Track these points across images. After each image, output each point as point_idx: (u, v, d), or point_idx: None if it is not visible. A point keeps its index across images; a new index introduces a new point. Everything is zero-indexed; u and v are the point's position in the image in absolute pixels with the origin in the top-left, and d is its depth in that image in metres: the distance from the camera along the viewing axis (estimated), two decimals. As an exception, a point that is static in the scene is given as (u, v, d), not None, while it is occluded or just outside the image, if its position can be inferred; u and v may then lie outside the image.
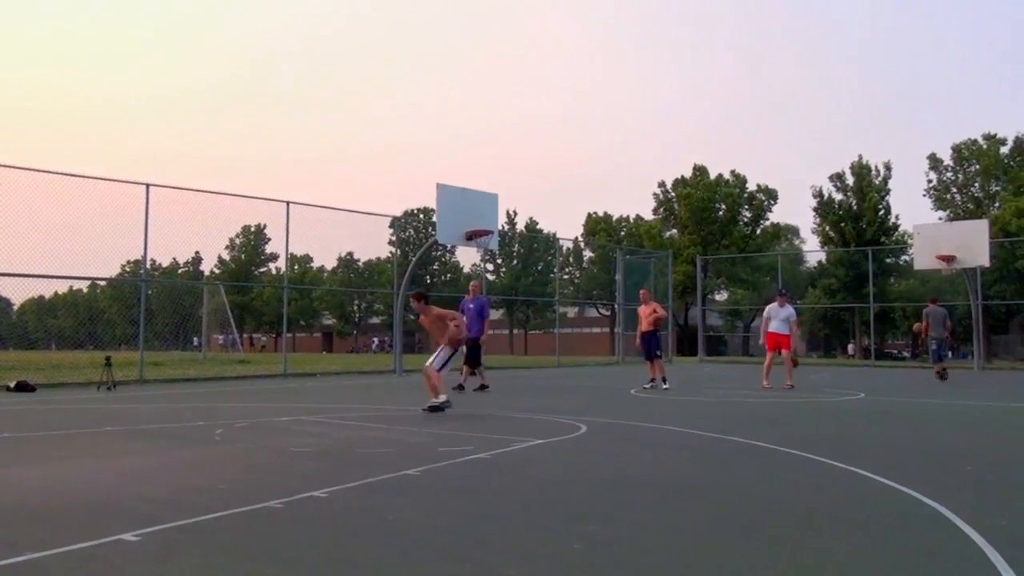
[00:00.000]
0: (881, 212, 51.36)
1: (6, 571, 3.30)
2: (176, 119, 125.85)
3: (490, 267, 64.98)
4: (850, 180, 53.13)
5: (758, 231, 59.71)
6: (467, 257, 70.83)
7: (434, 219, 20.92)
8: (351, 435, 8.03)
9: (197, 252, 65.29)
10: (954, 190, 53.62)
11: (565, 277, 67.87)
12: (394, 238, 44.19)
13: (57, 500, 4.77)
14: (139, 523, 4.03)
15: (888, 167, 52.50)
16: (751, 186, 59.39)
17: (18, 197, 15.69)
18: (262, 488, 5.08)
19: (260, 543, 3.78)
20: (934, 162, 53.77)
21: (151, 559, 3.52)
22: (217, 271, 70.61)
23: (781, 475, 5.80)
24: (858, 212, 51.73)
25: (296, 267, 67.43)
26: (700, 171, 59.64)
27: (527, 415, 9.99)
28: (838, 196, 53.27)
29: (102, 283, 49.93)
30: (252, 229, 70.26)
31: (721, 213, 58.30)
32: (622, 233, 64.34)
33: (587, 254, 68.79)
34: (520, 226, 69.41)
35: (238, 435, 7.93)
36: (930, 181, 54.01)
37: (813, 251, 60.70)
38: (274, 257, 72.52)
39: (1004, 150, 51.32)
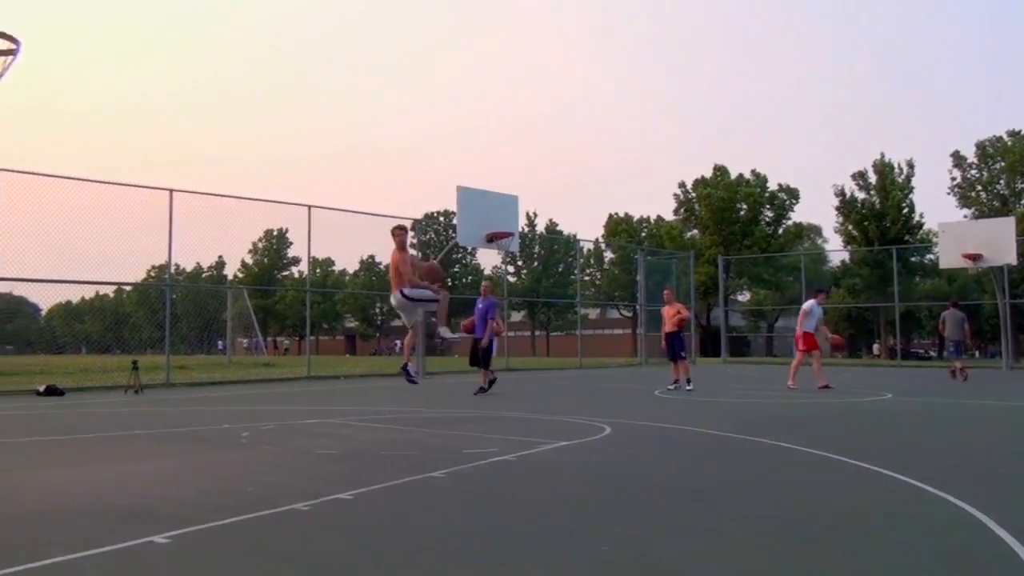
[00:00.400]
0: (905, 210, 50.76)
1: (38, 573, 3.34)
2: (196, 121, 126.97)
3: (511, 269, 65.03)
4: (873, 178, 52.56)
5: (780, 231, 59.26)
6: (488, 259, 70.94)
7: (455, 222, 21.00)
8: (376, 437, 8.07)
9: (220, 256, 65.65)
10: (979, 188, 52.96)
11: (586, 278, 67.74)
12: (415, 241, 44.36)
13: (87, 503, 4.83)
14: (169, 525, 4.06)
15: (911, 165, 51.88)
16: (772, 185, 58.98)
17: (43, 203, 15.89)
18: (288, 490, 5.11)
19: (287, 545, 3.80)
20: (958, 159, 53.14)
21: (182, 561, 3.56)
22: (240, 275, 71.08)
23: (809, 477, 5.76)
24: (881, 211, 51.15)
25: (318, 270, 67.74)
26: (720, 171, 59.33)
27: (551, 417, 9.98)
28: (861, 195, 52.70)
29: (128, 288, 50.45)
30: (274, 233, 70.65)
31: (742, 213, 57.93)
32: (643, 234, 64.10)
33: (608, 255, 68.56)
34: (540, 228, 69.35)
35: (264, 438, 7.98)
36: (954, 179, 53.38)
37: (836, 250, 60.16)
38: (296, 261, 72.89)
39: (1030, 146, 50.57)
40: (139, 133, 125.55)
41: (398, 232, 10.00)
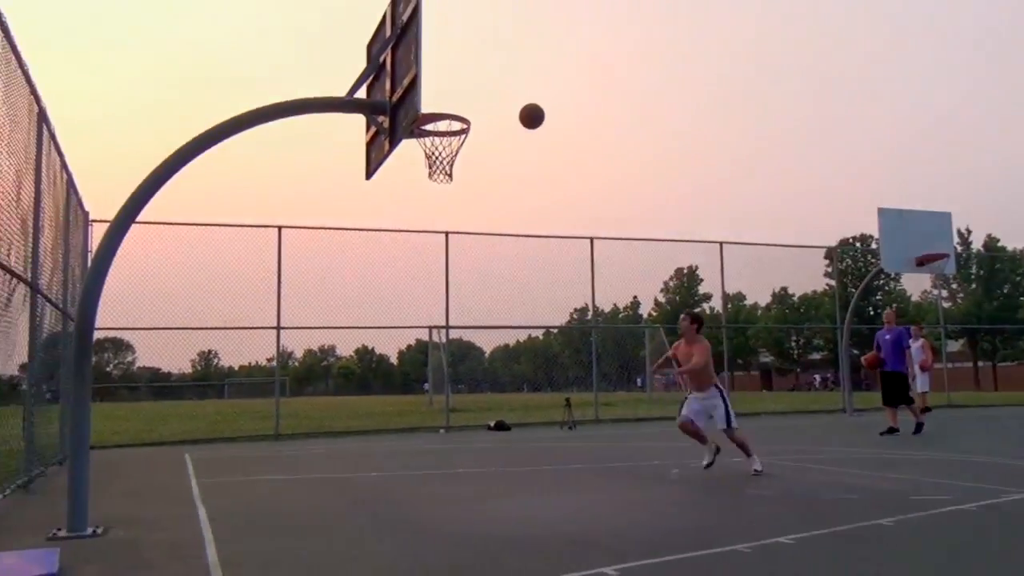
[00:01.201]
0: None
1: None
2: (611, 171, 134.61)
3: (944, 293, 58.63)
4: None
5: None
6: (915, 284, 64.66)
7: (873, 246, 19.60)
8: (808, 478, 7.73)
9: (635, 296, 68.50)
10: None
11: (1042, 298, 58.57)
12: (830, 269, 42.19)
13: (542, 531, 5.31)
14: (616, 558, 4.28)
15: None
16: None
17: (484, 258, 18.03)
18: (726, 530, 5.11)
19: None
20: None
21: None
22: (654, 314, 73.38)
23: None
24: None
25: (729, 305, 67.38)
26: None
27: (1014, 461, 8.73)
28: None
29: (554, 330, 54.81)
30: (684, 271, 71.92)
31: None
32: (1116, 242, 53.79)
33: (1070, 270, 58.66)
34: (976, 245, 61.72)
35: (694, 475, 8.09)
36: None
37: None
38: (707, 297, 73.34)
39: None
40: (562, 187, 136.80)
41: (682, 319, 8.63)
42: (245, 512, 6.31)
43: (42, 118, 8.07)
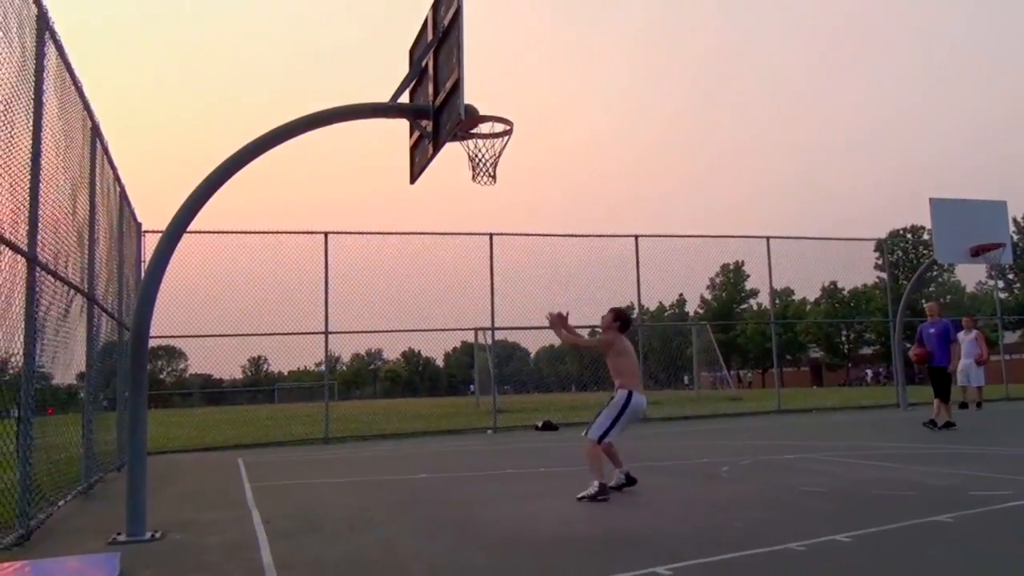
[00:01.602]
0: None
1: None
2: (655, 168, 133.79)
3: (1001, 283, 57.15)
4: None
5: None
6: (969, 275, 63.18)
7: (925, 237, 19.15)
8: (862, 474, 7.60)
9: (681, 294, 67.88)
10: None
11: (1105, 288, 56.83)
12: (880, 262, 41.46)
13: (592, 531, 5.31)
14: (667, 558, 4.25)
15: None
16: None
17: (529, 258, 18.04)
18: (779, 528, 5.04)
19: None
20: None
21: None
22: (700, 311, 72.64)
23: None
24: None
25: (777, 301, 66.42)
26: None
27: (1076, 455, 8.49)
28: None
29: (600, 329, 54.56)
30: (730, 267, 71.13)
31: None
32: None
33: None
34: (1034, 233, 60.08)
35: (744, 472, 8.00)
36: None
37: None
38: (754, 293, 72.47)
39: None
40: (606, 187, 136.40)
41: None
42: (297, 514, 6.40)
43: (95, 132, 8.28)
